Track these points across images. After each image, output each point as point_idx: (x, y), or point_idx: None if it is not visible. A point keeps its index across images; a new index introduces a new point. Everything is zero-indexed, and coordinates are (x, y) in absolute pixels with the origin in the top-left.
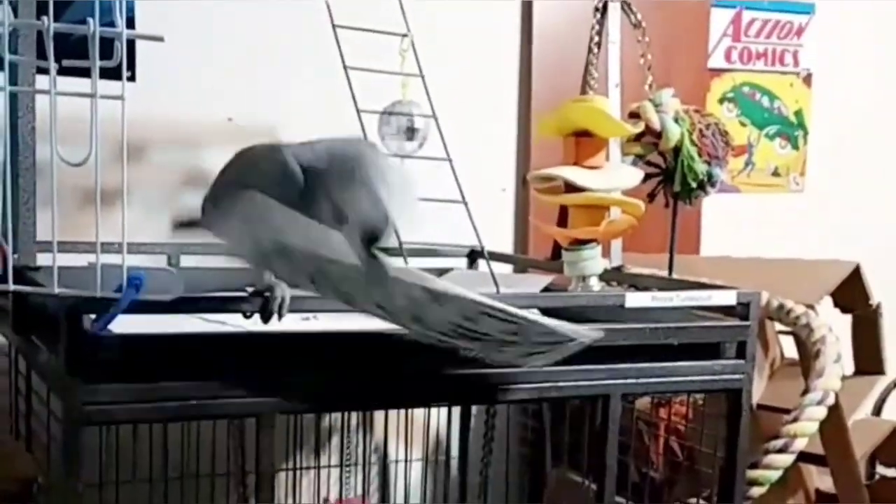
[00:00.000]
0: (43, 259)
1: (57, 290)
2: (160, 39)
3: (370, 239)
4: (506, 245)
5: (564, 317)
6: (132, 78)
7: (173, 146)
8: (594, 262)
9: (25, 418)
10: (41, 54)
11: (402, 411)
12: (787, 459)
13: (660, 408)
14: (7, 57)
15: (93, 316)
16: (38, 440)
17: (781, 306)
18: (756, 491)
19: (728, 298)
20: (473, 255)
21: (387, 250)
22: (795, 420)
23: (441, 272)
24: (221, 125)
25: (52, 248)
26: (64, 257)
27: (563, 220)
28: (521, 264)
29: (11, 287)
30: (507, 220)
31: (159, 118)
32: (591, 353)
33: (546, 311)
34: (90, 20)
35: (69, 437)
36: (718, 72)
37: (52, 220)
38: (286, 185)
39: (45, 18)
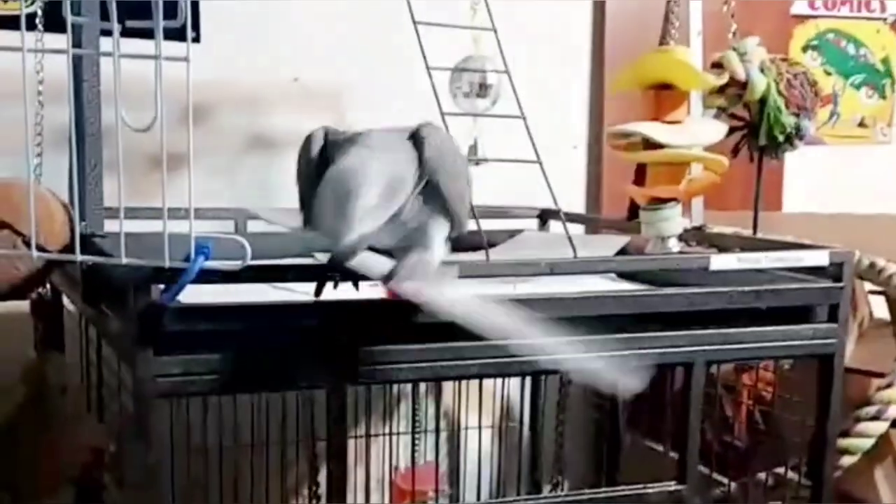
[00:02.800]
0: (110, 225)
1: (125, 261)
2: None
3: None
4: (577, 204)
5: (644, 280)
6: (197, 39)
7: (238, 108)
8: (674, 221)
9: (97, 388)
10: (104, 16)
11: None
12: (880, 427)
13: (742, 373)
14: (70, 19)
15: (161, 286)
16: (109, 409)
17: (872, 265)
18: (846, 460)
19: (820, 259)
20: (545, 216)
21: None
22: (890, 385)
23: (512, 234)
24: (287, 86)
25: (118, 214)
26: (129, 223)
27: (640, 178)
28: (595, 224)
29: (79, 257)
30: (580, 179)
31: (224, 80)
32: (674, 319)
33: (625, 275)
34: None
35: (140, 409)
36: (802, 18)
37: (119, 188)
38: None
39: None
